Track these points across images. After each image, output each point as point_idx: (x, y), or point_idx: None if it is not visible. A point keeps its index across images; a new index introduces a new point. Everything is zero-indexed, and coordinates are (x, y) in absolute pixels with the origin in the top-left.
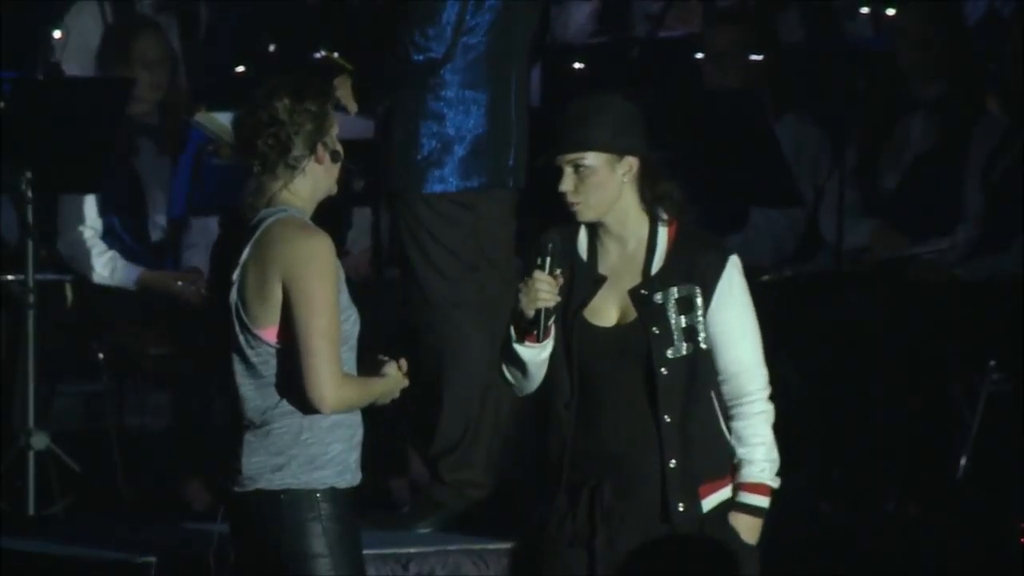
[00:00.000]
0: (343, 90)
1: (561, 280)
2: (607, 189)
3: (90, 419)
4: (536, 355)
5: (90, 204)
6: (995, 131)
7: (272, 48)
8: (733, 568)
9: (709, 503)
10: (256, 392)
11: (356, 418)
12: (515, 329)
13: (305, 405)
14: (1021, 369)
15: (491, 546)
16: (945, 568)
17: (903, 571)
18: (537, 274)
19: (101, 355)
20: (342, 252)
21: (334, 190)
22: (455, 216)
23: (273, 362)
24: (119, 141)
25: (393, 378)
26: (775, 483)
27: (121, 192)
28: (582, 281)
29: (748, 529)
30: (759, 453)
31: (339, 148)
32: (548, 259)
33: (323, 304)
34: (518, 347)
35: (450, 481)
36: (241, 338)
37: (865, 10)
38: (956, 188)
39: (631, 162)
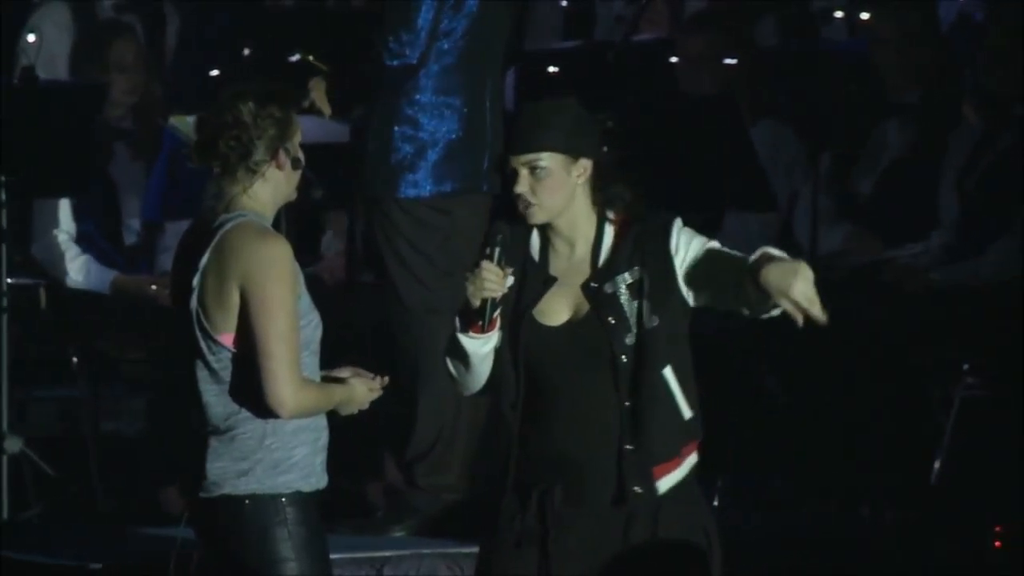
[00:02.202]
0: (318, 93)
1: (510, 272)
2: (561, 191)
3: (65, 424)
4: (479, 347)
5: (64, 208)
6: (970, 137)
7: (247, 51)
8: (689, 571)
9: (664, 484)
10: (218, 398)
11: (321, 422)
12: (460, 319)
13: (264, 410)
14: (995, 374)
15: (465, 550)
16: (920, 572)
17: (878, 575)
18: (485, 264)
19: (76, 359)
20: (316, 256)
21: (293, 197)
22: (430, 221)
23: (234, 367)
24: (96, 145)
25: (355, 387)
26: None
27: (95, 196)
28: (532, 282)
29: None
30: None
31: (300, 155)
32: (497, 249)
33: (281, 308)
34: (462, 337)
35: (425, 485)
36: (202, 344)
37: (840, 14)
38: (931, 193)
39: (585, 164)
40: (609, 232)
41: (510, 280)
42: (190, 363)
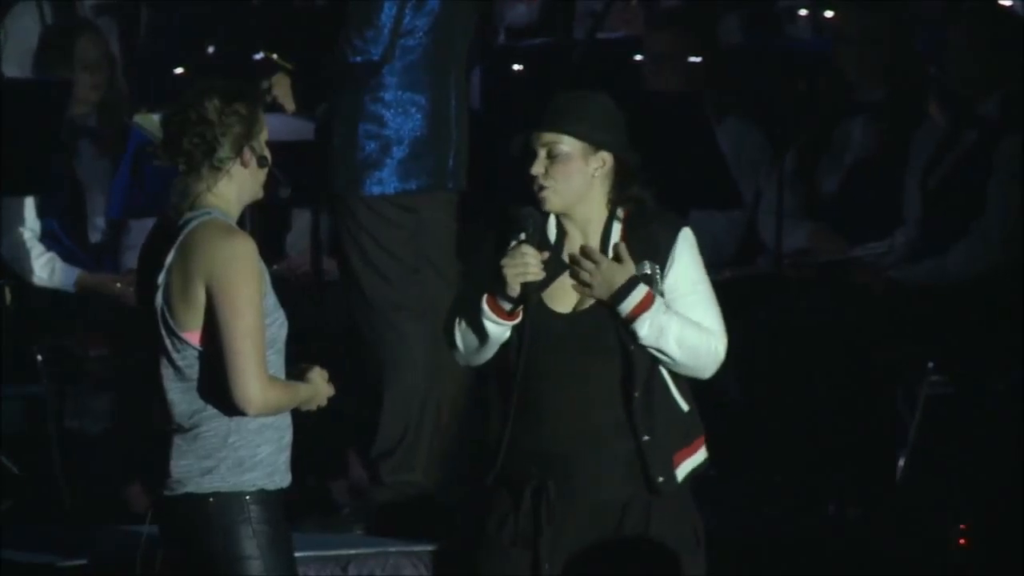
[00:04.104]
0: (281, 89)
1: (545, 255)
2: (577, 178)
3: (30, 422)
4: (504, 332)
5: (29, 206)
6: (935, 135)
7: (212, 49)
8: (677, 568)
9: (681, 472)
10: (183, 396)
11: (285, 420)
12: (491, 304)
13: (230, 407)
14: (960, 371)
15: (430, 548)
16: (885, 570)
17: (843, 573)
18: (525, 248)
19: (40, 357)
20: (281, 255)
21: (260, 195)
22: (395, 218)
23: (199, 365)
24: (61, 143)
25: (318, 384)
26: (641, 308)
27: (60, 194)
28: (547, 266)
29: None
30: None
31: (267, 154)
32: (532, 232)
33: (246, 306)
34: (488, 323)
35: (390, 483)
36: (167, 341)
37: (804, 12)
38: (895, 192)
39: (605, 158)
40: (616, 226)
41: (545, 255)
42: (154, 361)
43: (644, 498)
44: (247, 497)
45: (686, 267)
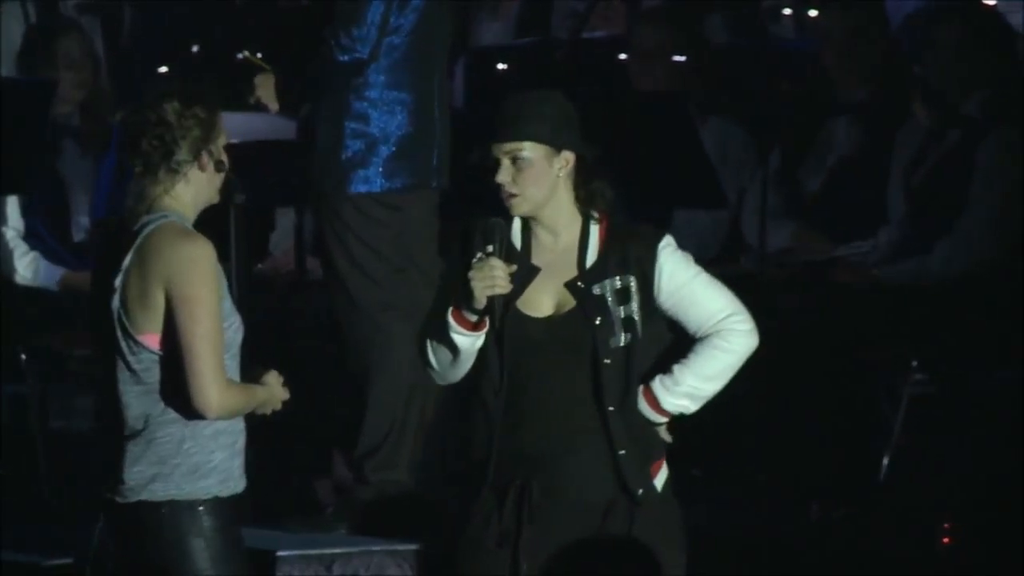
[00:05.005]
0: (265, 89)
1: (513, 267)
2: (543, 182)
3: (14, 421)
4: (473, 343)
5: (12, 205)
6: (918, 134)
7: (196, 48)
8: (658, 570)
9: (659, 480)
10: (138, 399)
11: (239, 424)
12: (456, 317)
13: (189, 411)
14: (943, 370)
15: (415, 547)
16: (870, 569)
17: (826, 573)
18: (493, 261)
19: (24, 356)
20: (264, 254)
21: (216, 200)
22: (381, 217)
23: (156, 369)
24: (46, 143)
25: (273, 387)
26: (672, 410)
27: (44, 193)
28: (517, 271)
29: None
30: (685, 376)
31: (224, 159)
32: (499, 244)
33: (204, 310)
34: (456, 336)
35: (374, 482)
36: (123, 344)
37: (788, 12)
38: (879, 191)
39: (567, 157)
40: (595, 231)
41: (513, 267)
42: (111, 364)
43: (627, 500)
44: (200, 507)
45: (672, 270)
